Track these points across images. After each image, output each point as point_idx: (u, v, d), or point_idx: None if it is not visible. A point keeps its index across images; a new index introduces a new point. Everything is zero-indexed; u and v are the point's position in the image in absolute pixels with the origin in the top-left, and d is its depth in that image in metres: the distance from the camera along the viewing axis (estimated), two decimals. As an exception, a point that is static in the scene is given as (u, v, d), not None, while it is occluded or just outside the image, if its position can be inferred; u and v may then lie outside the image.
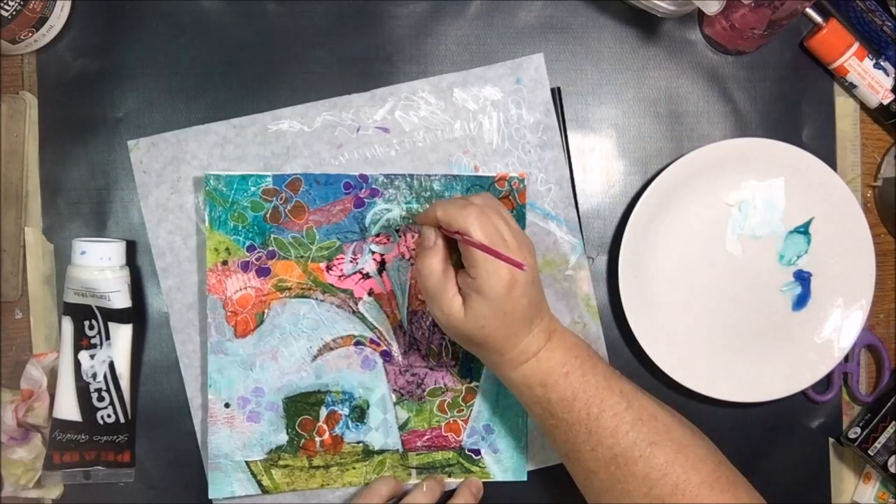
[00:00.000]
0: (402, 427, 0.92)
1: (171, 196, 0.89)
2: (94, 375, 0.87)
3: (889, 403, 0.94)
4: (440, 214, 0.76)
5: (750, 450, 0.96)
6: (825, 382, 0.96)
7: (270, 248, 0.88)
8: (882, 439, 0.93)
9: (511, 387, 0.82)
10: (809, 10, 0.91)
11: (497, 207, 0.79)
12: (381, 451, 0.92)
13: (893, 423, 0.93)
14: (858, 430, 0.95)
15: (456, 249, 0.79)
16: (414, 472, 0.92)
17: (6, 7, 0.82)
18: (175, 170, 0.89)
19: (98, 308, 0.87)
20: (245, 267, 0.88)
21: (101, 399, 0.88)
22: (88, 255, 0.86)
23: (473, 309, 0.76)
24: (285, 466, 0.90)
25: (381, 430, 0.91)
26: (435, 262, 0.78)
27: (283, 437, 0.90)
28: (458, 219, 0.75)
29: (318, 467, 0.91)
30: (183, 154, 0.89)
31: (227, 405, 0.89)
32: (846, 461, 0.98)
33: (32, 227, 0.90)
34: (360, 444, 0.91)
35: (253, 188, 0.88)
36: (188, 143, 0.89)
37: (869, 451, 0.93)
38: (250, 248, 0.88)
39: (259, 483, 0.90)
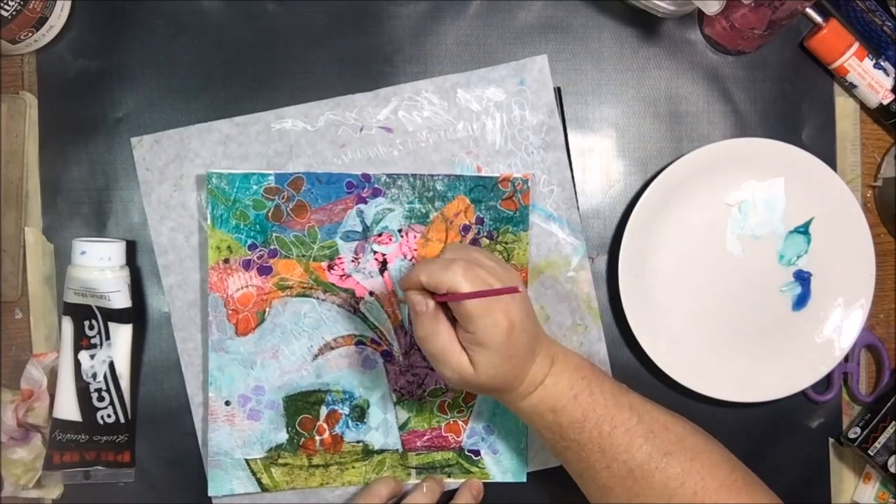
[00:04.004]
0: (402, 427, 0.92)
1: (173, 193, 0.89)
2: (94, 375, 0.87)
3: (889, 403, 0.94)
4: (425, 279, 0.74)
5: (750, 450, 0.95)
6: (825, 382, 0.96)
7: (272, 247, 0.88)
8: (882, 439, 0.93)
9: (521, 415, 0.81)
10: (809, 10, 0.91)
11: (474, 255, 0.78)
12: (380, 451, 0.92)
13: (893, 423, 0.94)
14: (858, 430, 0.95)
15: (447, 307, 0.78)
16: (413, 472, 0.92)
17: (6, 7, 0.82)
18: (178, 167, 0.89)
19: (98, 308, 0.87)
20: (247, 265, 0.88)
21: (101, 399, 0.88)
22: (88, 255, 0.86)
23: (480, 362, 0.75)
24: (285, 465, 0.90)
25: (381, 430, 0.91)
26: (435, 325, 0.76)
27: (282, 436, 0.90)
28: (444, 278, 0.73)
29: (317, 466, 0.91)
30: (186, 152, 0.89)
31: (227, 403, 0.89)
32: (846, 461, 0.98)
33: (32, 227, 0.90)
34: (360, 444, 0.91)
35: (255, 186, 0.88)
36: (191, 140, 0.89)
37: (869, 451, 0.93)
38: (252, 247, 0.88)
39: (258, 481, 0.90)
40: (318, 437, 0.90)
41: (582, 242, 0.92)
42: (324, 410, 0.90)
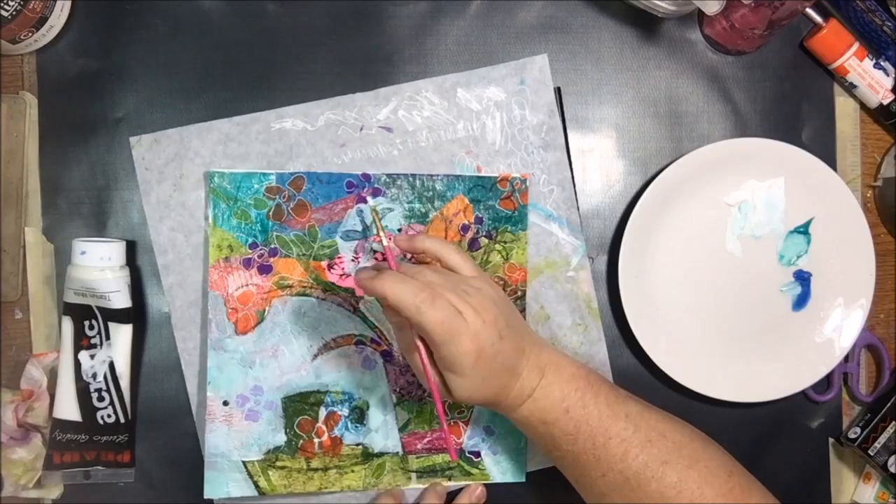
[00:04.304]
0: (402, 428, 0.91)
1: (173, 193, 0.89)
2: (94, 375, 0.87)
3: (889, 403, 0.94)
4: (392, 300, 0.72)
5: (750, 450, 0.96)
6: (825, 382, 0.96)
7: (272, 246, 0.88)
8: (882, 439, 0.93)
9: (515, 424, 0.81)
10: (809, 10, 0.91)
11: (445, 282, 0.75)
12: (380, 454, 0.91)
13: (893, 423, 0.94)
14: (858, 430, 0.95)
15: None
16: (414, 475, 0.92)
17: (6, 7, 0.81)
18: (178, 167, 0.89)
19: (98, 308, 0.87)
20: (247, 264, 0.88)
21: (101, 399, 0.87)
22: (88, 255, 0.86)
23: (453, 385, 0.75)
24: (283, 468, 0.90)
25: (381, 432, 0.91)
26: (412, 339, 0.76)
27: (281, 438, 0.90)
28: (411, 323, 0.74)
29: (316, 469, 0.90)
30: (186, 151, 0.89)
31: (225, 403, 0.89)
32: (846, 461, 0.98)
33: (32, 227, 0.90)
34: (360, 447, 0.91)
35: (256, 186, 0.88)
36: (191, 140, 0.89)
37: (869, 451, 0.93)
38: (252, 246, 0.88)
39: (256, 485, 0.89)
40: (316, 440, 0.90)
41: (582, 242, 0.92)
42: (323, 412, 0.90)
